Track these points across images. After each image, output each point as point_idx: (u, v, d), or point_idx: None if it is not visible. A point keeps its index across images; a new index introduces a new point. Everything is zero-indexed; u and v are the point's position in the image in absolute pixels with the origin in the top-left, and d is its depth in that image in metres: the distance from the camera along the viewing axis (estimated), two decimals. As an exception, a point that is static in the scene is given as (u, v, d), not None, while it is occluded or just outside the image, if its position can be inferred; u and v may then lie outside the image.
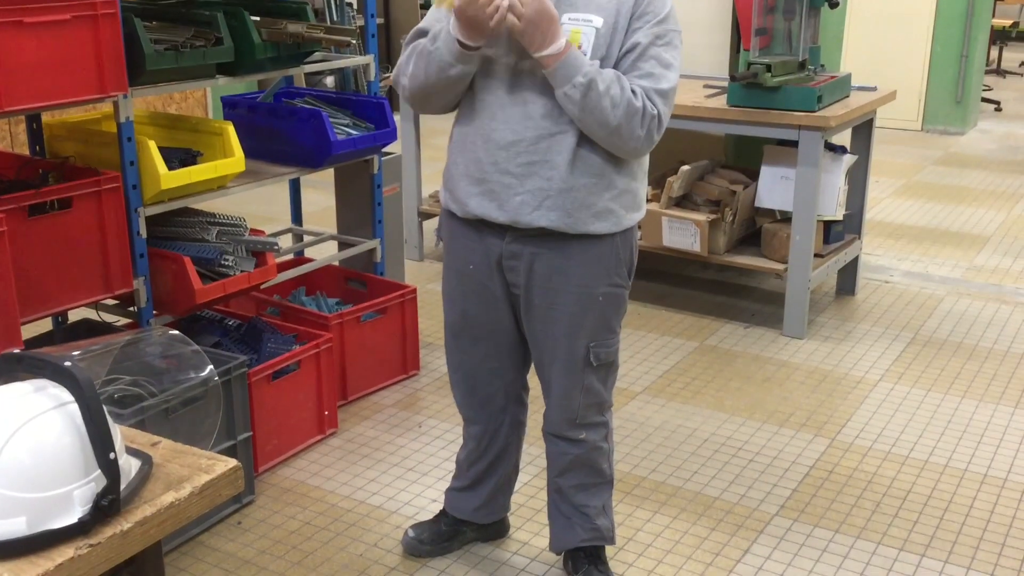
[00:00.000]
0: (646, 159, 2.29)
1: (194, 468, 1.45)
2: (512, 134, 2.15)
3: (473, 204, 2.24)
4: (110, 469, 1.29)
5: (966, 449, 3.24)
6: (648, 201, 4.32)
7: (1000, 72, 10.82)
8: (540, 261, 2.24)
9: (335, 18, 3.59)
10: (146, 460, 1.43)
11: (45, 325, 3.14)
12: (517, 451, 2.62)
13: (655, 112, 2.11)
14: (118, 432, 1.36)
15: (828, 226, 4.24)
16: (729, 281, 4.72)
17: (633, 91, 2.09)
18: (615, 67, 2.13)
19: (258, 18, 3.07)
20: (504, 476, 2.62)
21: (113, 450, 1.29)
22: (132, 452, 1.43)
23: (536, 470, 3.02)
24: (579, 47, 2.10)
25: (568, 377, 2.33)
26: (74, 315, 3.18)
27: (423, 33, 2.23)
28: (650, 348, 3.99)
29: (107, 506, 1.28)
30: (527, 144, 2.14)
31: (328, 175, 3.82)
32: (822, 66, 4.17)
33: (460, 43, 2.08)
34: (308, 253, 4.07)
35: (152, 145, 2.77)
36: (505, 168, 2.17)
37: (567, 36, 2.08)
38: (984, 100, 8.79)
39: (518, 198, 2.17)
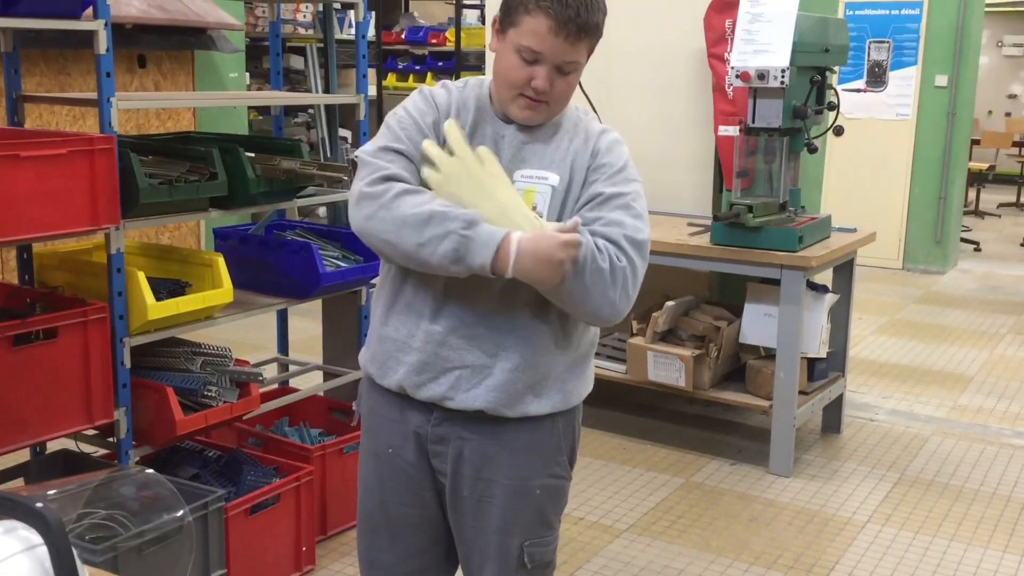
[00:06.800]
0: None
1: (164, 613, 1.42)
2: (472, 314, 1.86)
3: (400, 374, 1.92)
4: (77, 615, 1.25)
5: (956, 595, 3.18)
6: (633, 335, 4.39)
7: (978, 213, 11.09)
8: (470, 448, 1.92)
9: (328, 154, 3.68)
10: (115, 604, 1.40)
11: (22, 455, 3.10)
12: None
13: (622, 264, 1.79)
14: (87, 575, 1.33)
15: (812, 363, 4.26)
16: (714, 416, 4.71)
17: (597, 247, 1.78)
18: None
19: (253, 154, 3.15)
20: None
21: (81, 595, 1.26)
22: (101, 595, 1.40)
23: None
24: (533, 208, 1.83)
25: None
26: (52, 445, 3.13)
27: (393, 151, 1.83)
28: (635, 484, 3.95)
29: (71, 655, 1.24)
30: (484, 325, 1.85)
31: (316, 302, 3.84)
32: (803, 207, 4.26)
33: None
34: (293, 383, 4.06)
35: (141, 276, 2.80)
36: (443, 340, 1.86)
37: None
38: (963, 240, 8.97)
39: (455, 372, 1.86)
